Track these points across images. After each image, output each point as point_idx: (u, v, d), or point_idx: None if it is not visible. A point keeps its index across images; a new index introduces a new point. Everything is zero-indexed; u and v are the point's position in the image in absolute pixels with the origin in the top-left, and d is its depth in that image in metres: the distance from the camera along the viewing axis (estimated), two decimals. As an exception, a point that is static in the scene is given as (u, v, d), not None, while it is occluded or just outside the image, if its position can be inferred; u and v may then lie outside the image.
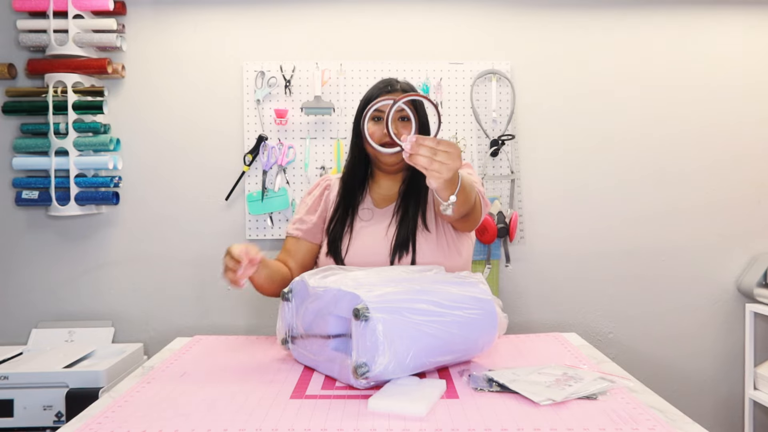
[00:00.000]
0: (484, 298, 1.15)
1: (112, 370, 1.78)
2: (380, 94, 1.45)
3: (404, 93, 1.43)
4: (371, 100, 1.45)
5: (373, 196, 1.52)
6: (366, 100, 1.48)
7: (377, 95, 1.45)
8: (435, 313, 1.06)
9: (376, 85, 1.49)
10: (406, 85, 1.48)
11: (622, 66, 2.22)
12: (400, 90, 1.45)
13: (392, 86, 1.46)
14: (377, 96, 1.44)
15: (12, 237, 2.17)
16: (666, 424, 0.90)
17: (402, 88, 1.46)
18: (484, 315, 1.13)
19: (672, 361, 2.24)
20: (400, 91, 1.45)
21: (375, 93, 1.46)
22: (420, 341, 1.03)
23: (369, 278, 1.12)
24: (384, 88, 1.46)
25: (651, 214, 2.22)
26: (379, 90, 1.46)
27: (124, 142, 2.16)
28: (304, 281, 1.17)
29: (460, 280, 1.17)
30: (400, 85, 1.47)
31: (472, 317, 1.10)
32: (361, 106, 1.49)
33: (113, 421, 0.95)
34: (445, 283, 1.15)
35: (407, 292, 1.07)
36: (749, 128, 2.23)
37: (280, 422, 0.93)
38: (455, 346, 1.09)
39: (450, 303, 1.08)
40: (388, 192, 1.51)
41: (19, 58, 2.13)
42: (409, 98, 1.22)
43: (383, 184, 1.52)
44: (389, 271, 1.20)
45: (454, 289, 1.12)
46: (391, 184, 1.51)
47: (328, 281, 1.13)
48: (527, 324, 2.20)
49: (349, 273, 1.17)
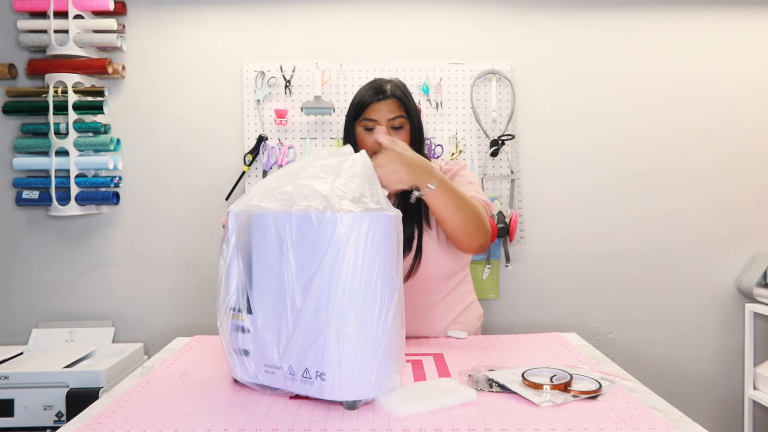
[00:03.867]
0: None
1: (112, 370, 1.78)
2: (372, 101, 1.42)
3: (395, 98, 1.41)
4: (361, 106, 1.43)
5: None
6: (357, 105, 1.44)
7: (369, 102, 1.42)
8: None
9: (364, 88, 1.45)
10: (397, 89, 1.43)
11: (622, 66, 2.22)
12: (390, 96, 1.41)
13: (383, 93, 1.41)
14: (369, 103, 1.42)
15: (12, 237, 2.17)
16: (666, 424, 0.90)
17: (392, 93, 1.42)
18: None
19: (672, 361, 2.24)
20: (391, 97, 1.41)
21: (366, 99, 1.42)
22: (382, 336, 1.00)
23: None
24: (375, 95, 1.42)
25: (651, 214, 2.22)
26: (370, 97, 1.42)
27: (124, 142, 2.16)
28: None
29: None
30: (390, 89, 1.42)
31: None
32: (351, 110, 1.45)
33: (113, 421, 0.95)
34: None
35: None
36: (749, 128, 2.23)
37: (280, 422, 0.93)
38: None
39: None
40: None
41: (20, 59, 2.13)
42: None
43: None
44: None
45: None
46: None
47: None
48: (527, 324, 2.20)
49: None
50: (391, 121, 1.41)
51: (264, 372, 1.04)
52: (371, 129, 1.42)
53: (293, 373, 0.99)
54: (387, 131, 1.40)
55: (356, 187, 1.02)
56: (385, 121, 1.41)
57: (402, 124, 1.42)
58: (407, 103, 1.43)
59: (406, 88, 1.47)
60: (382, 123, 1.41)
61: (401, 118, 1.42)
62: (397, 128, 1.42)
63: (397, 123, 1.42)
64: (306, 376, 0.98)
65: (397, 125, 1.42)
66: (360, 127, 1.44)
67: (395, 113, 1.41)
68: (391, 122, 1.42)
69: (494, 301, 2.21)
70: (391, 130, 1.42)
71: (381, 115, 1.41)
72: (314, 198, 1.00)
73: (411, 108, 1.44)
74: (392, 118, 1.41)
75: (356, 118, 1.45)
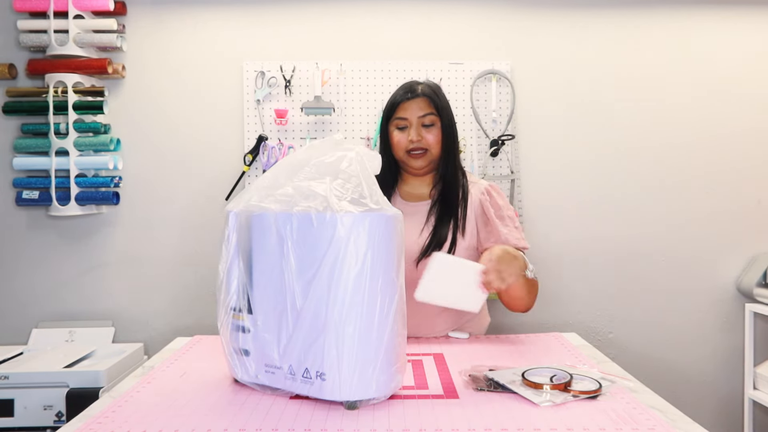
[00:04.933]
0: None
1: (112, 370, 1.78)
2: (402, 100, 1.48)
3: (425, 96, 1.47)
4: (394, 106, 1.49)
5: (402, 194, 1.56)
6: (389, 106, 1.51)
7: (400, 101, 1.48)
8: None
9: (398, 89, 1.52)
10: (427, 88, 1.49)
11: (622, 66, 2.22)
12: (420, 95, 1.47)
13: (413, 92, 1.48)
14: (400, 102, 1.48)
15: (12, 237, 2.17)
16: (666, 424, 0.90)
17: (423, 93, 1.47)
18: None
19: (672, 361, 2.24)
20: (421, 95, 1.47)
21: (398, 98, 1.49)
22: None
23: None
24: (404, 94, 1.48)
25: (651, 214, 2.22)
26: (401, 96, 1.49)
27: (124, 142, 2.16)
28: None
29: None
30: (421, 88, 1.48)
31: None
32: (385, 112, 1.52)
33: (113, 421, 0.95)
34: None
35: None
36: (749, 129, 2.23)
37: (280, 422, 0.93)
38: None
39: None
40: (417, 190, 1.55)
41: (20, 59, 2.13)
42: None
43: (412, 183, 1.56)
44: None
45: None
46: (420, 184, 1.55)
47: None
48: (527, 324, 2.20)
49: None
50: (421, 118, 1.46)
51: (264, 372, 1.04)
52: (403, 128, 1.48)
53: (293, 373, 0.99)
54: (418, 129, 1.46)
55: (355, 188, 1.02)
56: (415, 119, 1.46)
57: (433, 121, 1.47)
58: (438, 101, 1.47)
59: (439, 88, 1.52)
60: (413, 120, 1.46)
61: (432, 116, 1.47)
62: (427, 126, 1.47)
63: (427, 120, 1.46)
64: (306, 376, 0.98)
65: (427, 123, 1.47)
66: (393, 126, 1.50)
67: (425, 111, 1.46)
68: (421, 119, 1.46)
69: (494, 301, 2.21)
70: (422, 128, 1.46)
71: (411, 113, 1.47)
72: (314, 199, 1.00)
73: (442, 106, 1.48)
74: (422, 115, 1.46)
75: (389, 117, 1.50)
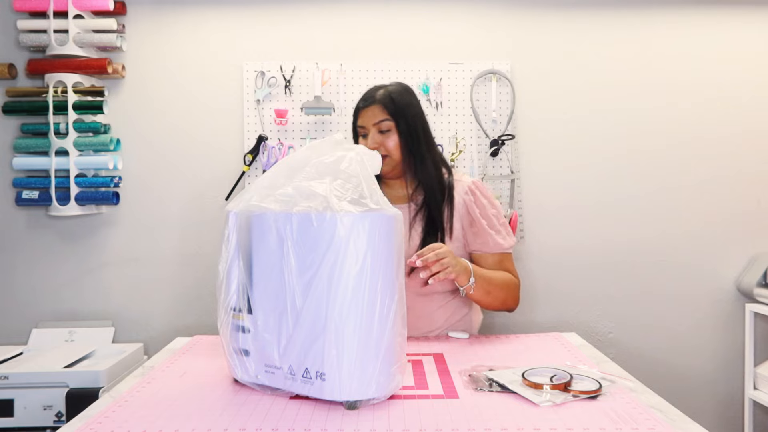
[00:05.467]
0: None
1: (112, 370, 1.77)
2: (359, 108, 1.50)
3: (379, 103, 1.46)
4: (355, 115, 1.52)
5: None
6: (353, 114, 1.53)
7: (358, 109, 1.51)
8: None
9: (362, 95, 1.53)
10: (384, 94, 1.47)
11: (622, 66, 2.22)
12: (375, 102, 1.46)
13: (367, 100, 1.48)
14: (358, 110, 1.50)
15: (12, 237, 2.17)
16: (666, 424, 0.90)
17: (378, 99, 1.47)
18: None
19: (672, 361, 2.24)
20: (375, 103, 1.46)
21: (357, 107, 1.51)
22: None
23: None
24: (361, 102, 1.50)
25: (651, 214, 2.22)
26: (359, 104, 1.50)
27: (124, 142, 2.16)
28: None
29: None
30: (378, 94, 1.47)
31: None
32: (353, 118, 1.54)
33: (113, 421, 0.95)
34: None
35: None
36: (749, 128, 2.23)
37: (280, 422, 0.93)
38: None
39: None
40: (396, 192, 1.55)
41: (20, 58, 2.13)
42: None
43: (392, 185, 1.56)
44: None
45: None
46: (396, 186, 1.55)
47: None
48: (527, 324, 2.20)
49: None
50: (377, 125, 1.47)
51: (264, 372, 1.04)
52: (364, 135, 1.49)
53: (293, 373, 0.99)
54: (374, 136, 1.47)
55: (355, 188, 1.02)
56: (371, 126, 1.47)
57: (389, 127, 1.46)
58: (392, 106, 1.46)
59: (399, 92, 1.49)
60: (369, 128, 1.48)
61: (387, 122, 1.46)
62: (384, 132, 1.47)
63: (383, 126, 1.47)
64: (306, 376, 0.98)
65: (384, 129, 1.47)
66: (358, 134, 1.52)
67: (379, 117, 1.46)
68: (377, 126, 1.47)
69: (494, 301, 2.21)
70: (379, 135, 1.47)
71: (367, 120, 1.48)
72: (314, 199, 1.00)
73: (398, 111, 1.46)
74: (377, 122, 1.47)
75: (355, 124, 1.53)
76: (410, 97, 1.50)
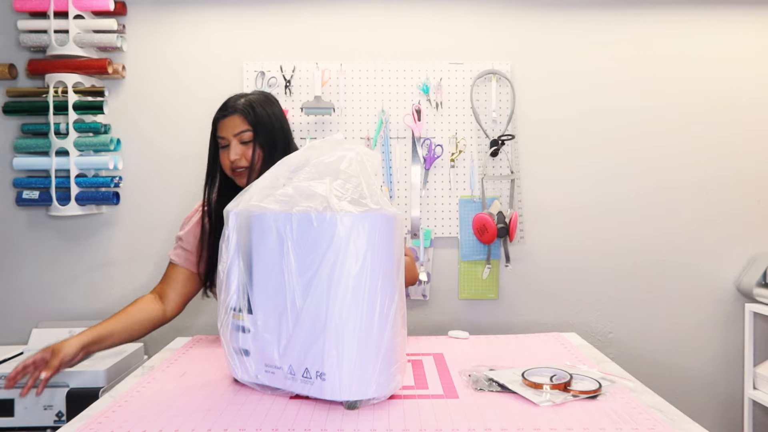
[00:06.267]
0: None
1: (112, 370, 1.77)
2: (218, 118, 1.44)
3: (239, 113, 1.41)
4: (214, 125, 1.46)
5: None
6: (212, 123, 1.47)
7: (216, 119, 1.45)
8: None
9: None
10: (244, 103, 1.43)
11: (622, 66, 2.22)
12: (235, 112, 1.42)
13: (226, 109, 1.43)
14: (217, 120, 1.45)
15: (12, 237, 2.17)
16: (666, 424, 0.90)
17: (237, 109, 1.42)
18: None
19: (672, 361, 2.24)
20: (235, 113, 1.42)
21: (216, 116, 1.45)
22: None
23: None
24: (220, 112, 1.44)
25: (651, 214, 2.22)
26: (218, 114, 1.45)
27: (124, 142, 2.16)
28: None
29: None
30: (239, 104, 1.43)
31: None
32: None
33: (113, 421, 0.95)
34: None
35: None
36: (749, 128, 2.23)
37: (280, 422, 0.93)
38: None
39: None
40: None
41: (20, 59, 2.13)
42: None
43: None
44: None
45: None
46: None
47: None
48: (527, 324, 2.20)
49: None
50: (237, 136, 1.42)
51: (264, 372, 1.04)
52: (225, 146, 1.44)
53: (293, 373, 0.99)
54: (236, 147, 1.42)
55: (355, 188, 1.02)
56: (232, 137, 1.42)
57: (250, 137, 1.42)
58: (252, 116, 1.42)
59: (260, 100, 1.45)
60: (230, 139, 1.42)
61: (248, 132, 1.41)
62: (246, 142, 1.42)
63: (245, 137, 1.42)
64: (306, 376, 0.98)
65: (246, 139, 1.42)
66: (219, 144, 1.46)
67: (240, 128, 1.41)
68: (239, 137, 1.42)
69: (494, 301, 2.21)
70: (241, 145, 1.42)
71: (228, 131, 1.43)
72: (314, 199, 1.00)
73: (258, 121, 1.42)
74: (237, 133, 1.42)
75: (214, 134, 1.47)
76: (272, 107, 1.46)
